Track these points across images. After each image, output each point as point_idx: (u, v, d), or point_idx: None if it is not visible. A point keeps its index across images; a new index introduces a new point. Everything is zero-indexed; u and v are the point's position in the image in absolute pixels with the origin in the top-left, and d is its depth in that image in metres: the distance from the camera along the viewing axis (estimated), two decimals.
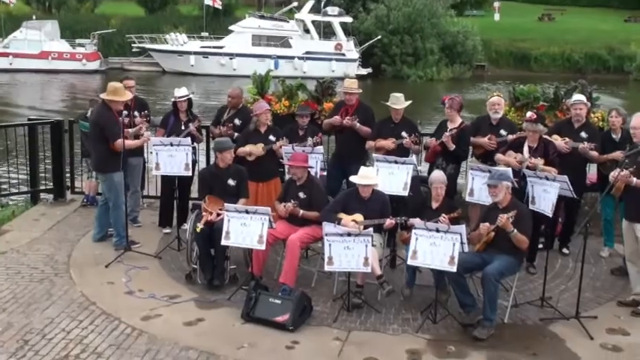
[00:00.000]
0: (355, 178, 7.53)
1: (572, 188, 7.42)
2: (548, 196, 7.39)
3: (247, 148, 8.67)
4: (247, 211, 7.28)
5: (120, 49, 46.76)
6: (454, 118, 8.63)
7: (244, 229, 7.25)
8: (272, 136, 8.76)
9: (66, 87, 39.35)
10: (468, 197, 8.23)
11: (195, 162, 9.16)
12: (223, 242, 7.34)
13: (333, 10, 44.80)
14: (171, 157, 8.57)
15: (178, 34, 44.91)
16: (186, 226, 8.58)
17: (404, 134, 8.58)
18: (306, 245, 7.91)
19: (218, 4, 47.81)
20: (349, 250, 6.93)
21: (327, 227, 7.09)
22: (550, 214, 7.41)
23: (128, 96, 8.63)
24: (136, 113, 9.20)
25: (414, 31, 44.69)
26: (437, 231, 6.74)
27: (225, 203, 7.54)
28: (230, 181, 8.02)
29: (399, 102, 8.66)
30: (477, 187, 8.03)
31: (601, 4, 63.91)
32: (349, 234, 6.97)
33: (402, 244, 7.69)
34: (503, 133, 8.62)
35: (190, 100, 9.33)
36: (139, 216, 9.68)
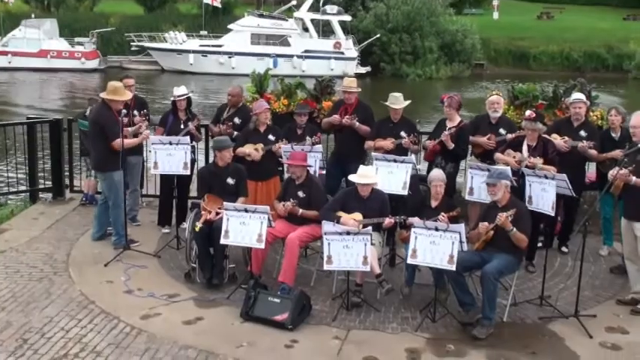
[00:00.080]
0: (354, 177, 7.52)
1: (571, 187, 7.42)
2: (548, 195, 7.38)
3: (246, 150, 8.67)
4: (246, 210, 7.28)
5: (119, 47, 46.72)
6: (453, 116, 8.62)
7: (243, 227, 7.24)
8: (271, 136, 8.76)
9: (65, 85, 39.31)
10: (467, 196, 8.23)
11: (194, 161, 9.16)
12: (222, 241, 7.34)
13: (332, 8, 44.78)
14: (170, 155, 8.57)
15: (177, 32, 44.87)
16: (185, 224, 8.57)
17: (403, 134, 8.58)
18: (305, 244, 7.90)
19: (217, 3, 47.79)
20: (348, 249, 6.92)
21: (326, 226, 7.09)
22: (552, 213, 7.41)
23: (128, 95, 8.63)
24: (136, 112, 9.19)
25: (413, 30, 44.70)
26: (436, 230, 6.73)
27: (224, 202, 7.53)
28: (229, 180, 8.02)
29: (398, 102, 8.66)
30: (477, 185, 8.03)
31: (600, 2, 63.90)
32: (348, 233, 6.96)
33: (402, 242, 7.69)
34: (502, 131, 8.62)
35: (189, 98, 9.33)
36: (138, 215, 9.68)
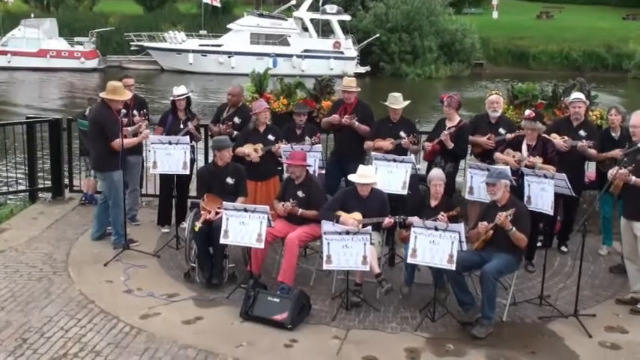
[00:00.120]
0: (354, 176, 7.51)
1: (570, 186, 7.42)
2: (547, 194, 7.38)
3: (246, 150, 8.66)
4: (246, 210, 7.27)
5: (118, 47, 46.72)
6: (452, 116, 8.61)
7: (243, 227, 7.23)
8: (271, 136, 8.75)
9: (64, 85, 39.31)
10: (467, 195, 8.22)
11: (193, 160, 9.15)
12: (222, 241, 7.33)
13: (332, 8, 44.79)
14: (169, 155, 8.56)
15: (177, 32, 44.87)
16: (184, 224, 8.57)
17: (402, 134, 8.57)
18: (304, 244, 7.90)
19: (217, 3, 47.79)
20: (348, 248, 6.92)
21: (326, 226, 7.08)
22: (551, 212, 7.41)
23: (128, 95, 8.62)
24: (135, 112, 9.19)
25: (413, 29, 44.72)
26: (436, 229, 6.73)
27: (223, 202, 7.53)
28: (228, 180, 8.02)
29: (397, 102, 8.65)
30: (476, 185, 8.02)
31: (599, 1, 63.94)
32: (348, 232, 6.96)
33: (401, 242, 7.69)
34: (501, 131, 8.61)
35: (189, 98, 9.33)
36: (138, 214, 9.67)
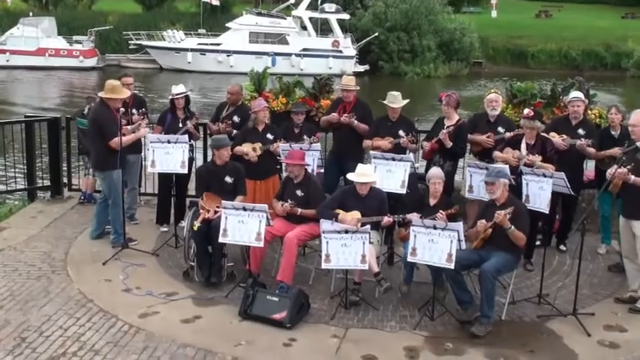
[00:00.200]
0: (353, 175, 7.51)
1: (569, 185, 7.43)
2: (544, 193, 7.39)
3: (244, 149, 8.66)
4: (245, 209, 7.27)
5: (117, 46, 46.72)
6: (451, 115, 8.61)
7: (242, 226, 7.22)
8: (270, 135, 8.75)
9: (63, 84, 39.29)
10: (467, 194, 8.22)
11: (192, 159, 9.15)
12: (221, 240, 7.33)
13: (331, 7, 44.85)
14: (168, 154, 8.56)
15: (175, 31, 44.87)
16: (183, 223, 8.56)
17: (401, 133, 8.56)
18: (303, 243, 7.89)
19: (216, 2, 47.78)
20: (346, 247, 6.91)
21: (325, 225, 7.08)
22: (546, 211, 7.41)
23: (126, 93, 8.61)
24: (134, 111, 9.20)
25: (412, 28, 44.76)
26: (434, 228, 6.73)
27: (222, 200, 7.53)
28: (227, 179, 8.01)
29: (396, 101, 8.64)
30: (476, 183, 8.02)
31: (598, 0, 63.97)
32: (347, 231, 6.96)
33: (400, 241, 7.69)
34: (500, 130, 8.61)
35: (188, 97, 9.32)
36: (137, 213, 9.67)
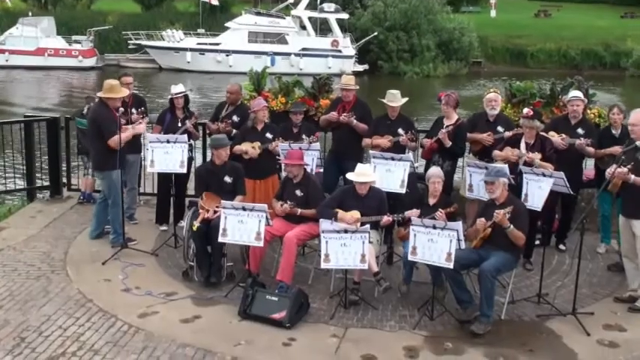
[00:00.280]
0: (352, 175, 7.51)
1: (568, 184, 7.43)
2: (542, 192, 7.40)
3: (243, 147, 8.66)
4: (244, 208, 7.27)
5: (116, 45, 46.72)
6: (450, 114, 8.61)
7: (241, 226, 7.22)
8: (269, 134, 8.74)
9: (62, 84, 39.29)
10: (467, 193, 8.22)
11: (191, 159, 9.15)
12: (220, 239, 7.32)
13: (330, 6, 44.88)
14: (167, 154, 8.56)
15: (175, 30, 44.89)
16: (182, 223, 8.56)
17: (400, 131, 8.55)
18: (303, 242, 7.89)
19: (215, 1, 47.78)
20: (346, 247, 6.91)
21: (324, 224, 7.08)
22: (539, 209, 7.41)
23: (124, 92, 8.60)
24: (134, 110, 9.19)
25: (411, 28, 44.78)
26: (434, 227, 6.73)
27: (222, 200, 7.52)
28: (226, 178, 8.01)
29: (395, 99, 8.64)
30: (476, 182, 8.02)
31: (597, 0, 63.95)
32: (346, 231, 6.96)
33: (399, 240, 7.69)
34: (500, 129, 8.61)
35: (187, 96, 9.31)
36: (136, 213, 9.66)
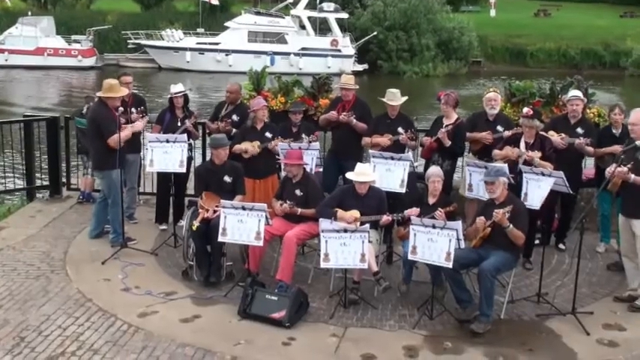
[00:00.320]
0: (352, 174, 7.50)
1: (568, 184, 7.43)
2: (540, 191, 7.40)
3: (243, 146, 8.65)
4: (244, 208, 7.27)
5: (116, 45, 46.70)
6: (450, 114, 8.60)
7: (241, 225, 7.22)
8: (268, 133, 8.74)
9: (62, 83, 39.27)
10: (467, 193, 8.22)
11: (190, 158, 9.15)
12: (220, 239, 7.32)
13: (329, 6, 44.86)
14: (166, 153, 8.56)
15: (174, 30, 44.87)
16: (182, 222, 8.56)
17: (400, 130, 8.56)
18: (302, 242, 7.89)
19: (214, 1, 47.76)
20: (346, 246, 6.91)
21: (324, 224, 7.07)
22: (537, 207, 7.41)
23: (124, 92, 8.60)
24: (133, 110, 9.19)
25: (410, 27, 44.78)
26: (433, 227, 6.73)
27: (221, 200, 7.52)
28: (226, 178, 8.01)
29: (395, 98, 8.64)
30: (475, 182, 8.03)
31: None
32: (346, 230, 6.96)
33: (399, 240, 7.69)
34: (499, 129, 8.61)
35: (186, 96, 9.31)
36: (136, 213, 9.66)
